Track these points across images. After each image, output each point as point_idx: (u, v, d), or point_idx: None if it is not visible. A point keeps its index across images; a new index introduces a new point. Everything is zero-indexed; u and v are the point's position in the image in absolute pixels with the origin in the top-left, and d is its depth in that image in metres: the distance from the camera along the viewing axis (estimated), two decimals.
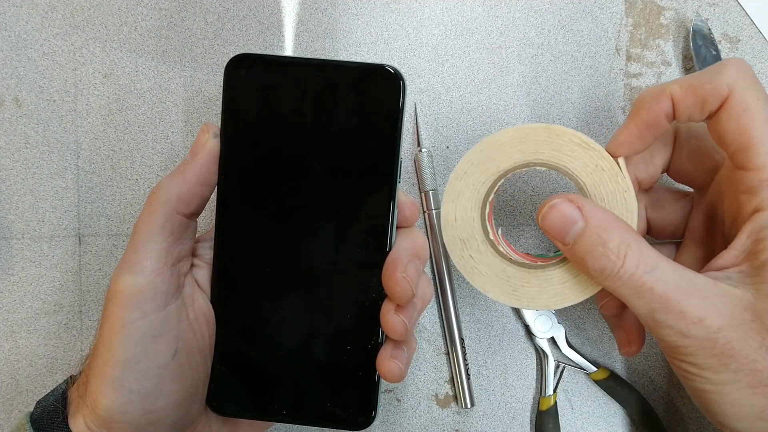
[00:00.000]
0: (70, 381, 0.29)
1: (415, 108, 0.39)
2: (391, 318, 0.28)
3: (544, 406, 0.39)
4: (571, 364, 0.39)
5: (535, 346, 0.39)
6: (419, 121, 0.39)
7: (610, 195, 0.30)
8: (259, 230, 0.29)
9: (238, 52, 0.29)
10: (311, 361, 0.29)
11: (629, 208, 0.29)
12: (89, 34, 0.39)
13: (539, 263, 0.31)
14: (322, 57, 0.28)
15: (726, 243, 0.27)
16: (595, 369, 0.38)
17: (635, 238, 0.26)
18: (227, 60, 0.29)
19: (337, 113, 0.28)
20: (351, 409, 0.29)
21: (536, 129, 0.30)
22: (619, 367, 0.39)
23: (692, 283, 0.25)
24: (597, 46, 0.40)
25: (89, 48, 0.39)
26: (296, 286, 0.29)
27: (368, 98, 0.28)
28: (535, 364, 0.40)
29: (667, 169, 0.32)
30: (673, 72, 0.40)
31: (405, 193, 0.30)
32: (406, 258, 0.28)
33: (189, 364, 0.28)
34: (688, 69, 0.40)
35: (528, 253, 0.33)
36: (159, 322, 0.27)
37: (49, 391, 0.29)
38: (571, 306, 0.39)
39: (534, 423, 0.39)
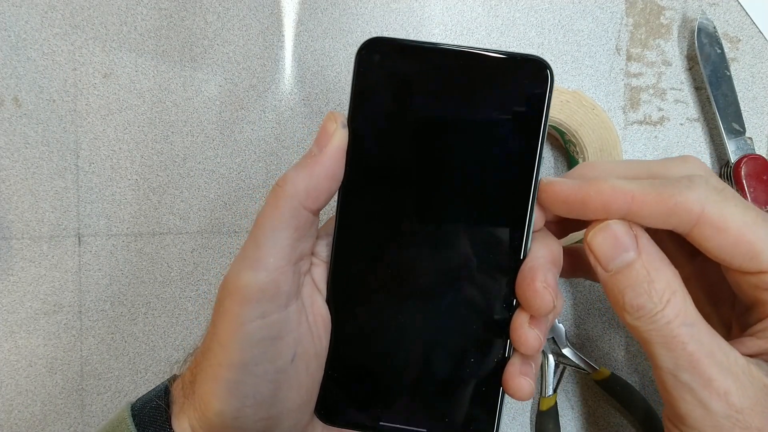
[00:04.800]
0: (172, 379, 0.28)
1: None
2: (524, 332, 0.25)
3: (544, 407, 0.39)
4: (571, 364, 0.39)
5: None
6: None
7: (588, 123, 0.34)
8: (383, 228, 0.27)
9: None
10: (430, 372, 0.27)
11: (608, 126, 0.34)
12: (89, 34, 0.39)
13: None
14: (454, 44, 0.26)
15: (737, 311, 0.27)
16: (595, 369, 0.38)
17: (682, 288, 0.25)
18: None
19: (478, 105, 0.26)
20: (471, 427, 0.27)
21: None
22: (619, 367, 0.39)
23: (726, 354, 0.24)
24: (597, 46, 0.40)
25: (89, 48, 0.39)
26: (420, 291, 0.27)
27: (513, 91, 0.25)
28: None
29: None
30: (674, 72, 0.40)
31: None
32: (545, 266, 0.25)
33: (306, 370, 0.26)
34: (690, 69, 0.40)
35: None
36: (279, 324, 0.25)
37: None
38: (572, 306, 0.39)
39: (534, 423, 0.39)
